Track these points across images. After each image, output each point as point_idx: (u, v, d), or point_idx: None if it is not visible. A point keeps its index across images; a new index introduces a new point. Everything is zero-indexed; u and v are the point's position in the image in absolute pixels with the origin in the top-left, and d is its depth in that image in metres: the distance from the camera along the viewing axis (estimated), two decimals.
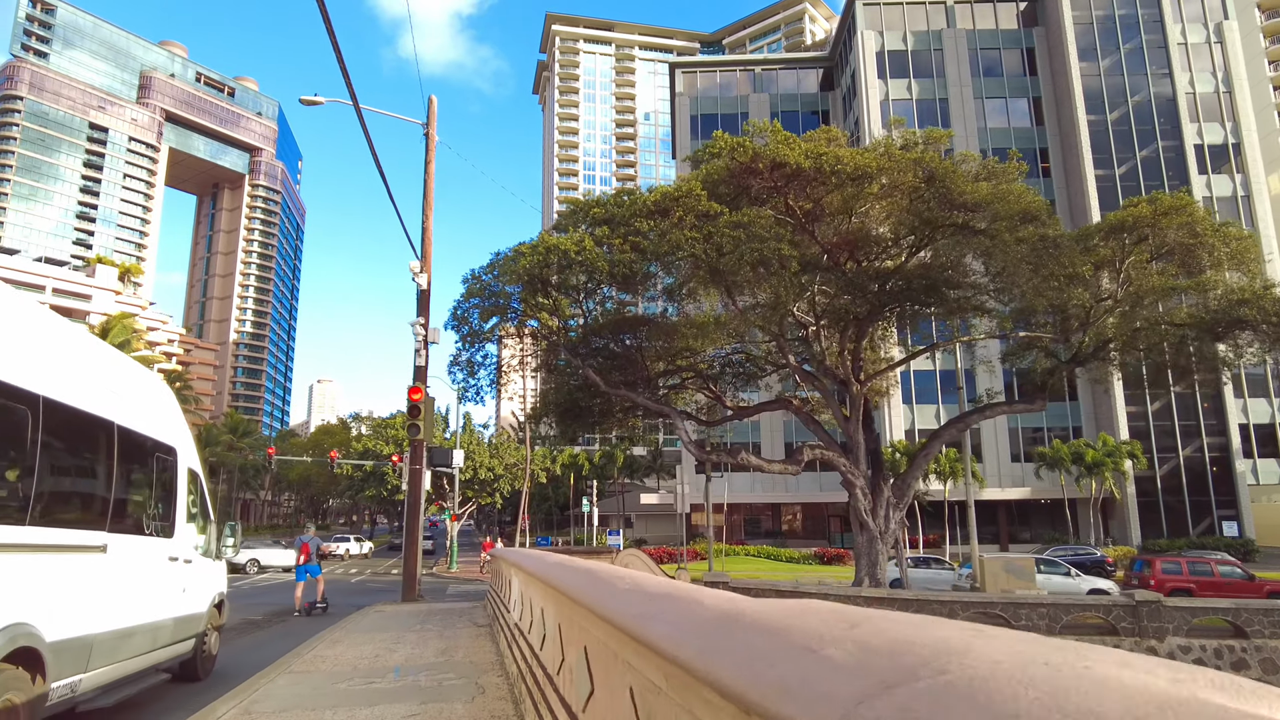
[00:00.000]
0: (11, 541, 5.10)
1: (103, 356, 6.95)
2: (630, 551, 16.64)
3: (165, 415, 8.21)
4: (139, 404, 7.36)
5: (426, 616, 12.62)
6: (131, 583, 6.93)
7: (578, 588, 3.93)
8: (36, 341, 5.62)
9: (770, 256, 15.79)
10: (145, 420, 7.41)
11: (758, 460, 20.04)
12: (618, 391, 20.65)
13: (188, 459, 8.78)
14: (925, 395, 53.22)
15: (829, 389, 21.91)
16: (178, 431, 8.55)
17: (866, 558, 21.25)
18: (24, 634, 5.09)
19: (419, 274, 17.06)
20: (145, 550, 7.29)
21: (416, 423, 16.39)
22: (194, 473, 8.99)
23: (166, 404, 8.48)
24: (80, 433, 6.21)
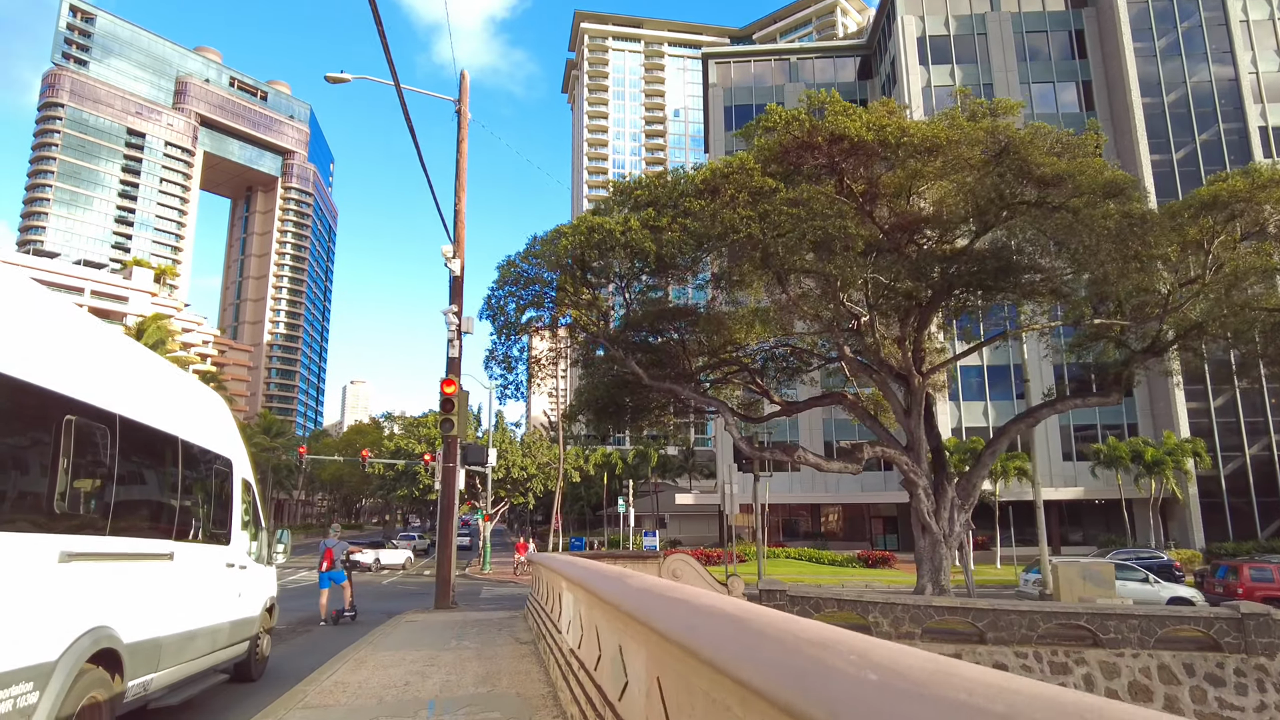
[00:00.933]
0: (94, 550, 5.48)
1: (167, 375, 7.35)
2: (678, 557, 15.36)
3: (222, 429, 8.57)
4: (199, 419, 7.74)
5: (462, 629, 11.50)
6: (194, 588, 7.32)
7: (686, 630, 2.72)
8: (113, 364, 6.07)
9: (834, 235, 14.45)
10: (205, 434, 7.79)
11: (815, 458, 18.67)
12: (662, 385, 19.41)
13: (242, 470, 9.08)
14: (972, 392, 51.24)
15: (887, 383, 20.45)
16: (233, 444, 8.89)
17: (930, 562, 19.78)
18: (105, 636, 5.47)
19: (451, 259, 15.98)
20: (206, 557, 7.68)
21: (450, 418, 15.30)
22: (247, 483, 9.27)
23: (223, 418, 8.79)
24: (150, 448, 6.56)
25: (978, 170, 17.43)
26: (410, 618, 13.47)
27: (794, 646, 1.68)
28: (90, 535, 5.44)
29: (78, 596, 5.24)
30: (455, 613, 14.43)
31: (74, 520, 5.30)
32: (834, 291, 17.46)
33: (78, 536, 5.28)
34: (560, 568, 7.08)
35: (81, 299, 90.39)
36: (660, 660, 3.26)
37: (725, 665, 1.95)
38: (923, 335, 20.42)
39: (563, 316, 22.86)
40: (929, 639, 15.69)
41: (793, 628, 2.00)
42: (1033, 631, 15.40)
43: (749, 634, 2.12)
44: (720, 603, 2.75)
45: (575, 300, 18.97)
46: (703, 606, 2.99)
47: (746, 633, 2.17)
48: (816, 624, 2.24)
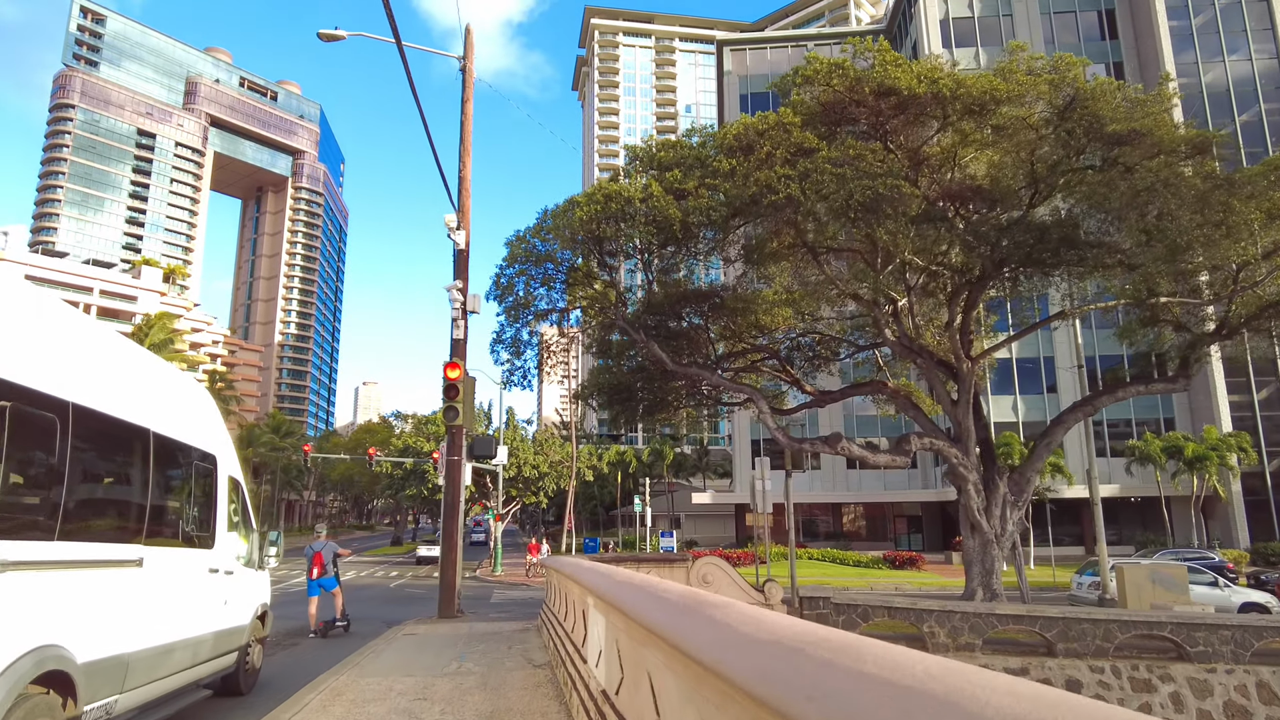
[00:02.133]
0: (38, 558, 4.87)
1: (138, 361, 6.62)
2: (708, 561, 13.74)
3: (205, 421, 7.83)
4: (177, 410, 7.03)
5: (467, 644, 9.91)
6: (170, 597, 6.65)
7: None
8: (65, 344, 5.36)
9: (886, 195, 12.78)
10: (183, 427, 7.08)
11: (860, 450, 16.99)
12: (688, 370, 17.78)
13: (229, 466, 8.32)
14: (998, 386, 49.27)
15: (933, 369, 18.73)
16: (218, 438, 8.12)
17: (980, 564, 18.06)
18: (53, 657, 4.88)
19: (455, 230, 14.40)
20: (184, 563, 6.99)
21: (454, 404, 13.71)
22: (235, 481, 8.52)
23: (206, 410, 8.03)
24: (113, 441, 5.92)
25: (1036, 130, 15.74)
26: (409, 629, 11.90)
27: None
28: (34, 540, 4.83)
29: (17, 612, 4.62)
30: (460, 623, 12.84)
31: (11, 523, 4.66)
32: (879, 263, 15.77)
33: (16, 542, 4.64)
34: (586, 579, 5.47)
35: (90, 299, 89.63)
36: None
37: None
38: (970, 317, 18.69)
39: (577, 300, 21.33)
40: (991, 651, 13.99)
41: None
42: (1109, 643, 13.67)
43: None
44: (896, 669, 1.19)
45: (590, 281, 17.37)
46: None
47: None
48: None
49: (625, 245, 15.51)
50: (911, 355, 18.84)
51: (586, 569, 6.21)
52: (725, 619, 2.50)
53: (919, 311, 21.23)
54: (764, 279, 18.81)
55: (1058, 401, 49.22)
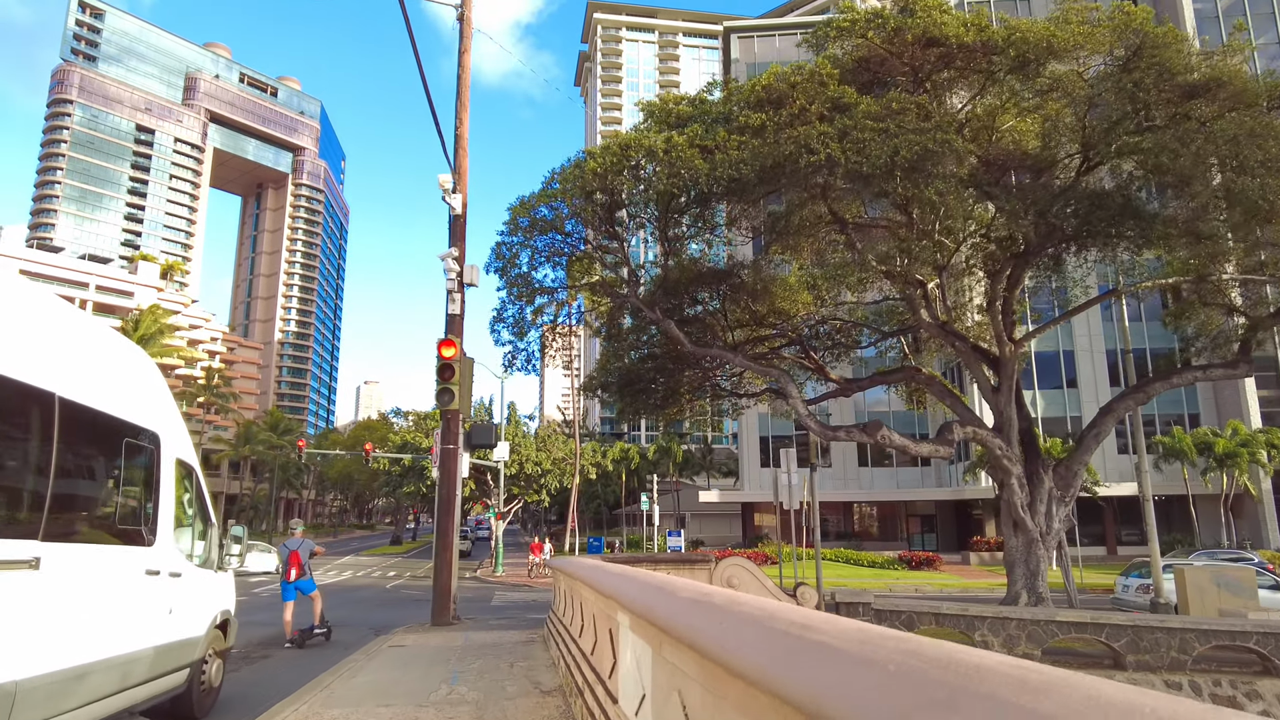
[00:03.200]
0: None
1: (42, 308, 5.30)
2: (734, 562, 12.25)
3: (143, 392, 6.39)
4: (100, 374, 5.69)
5: (461, 659, 8.41)
6: (85, 607, 5.32)
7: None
8: None
9: (936, 150, 11.29)
10: (109, 395, 5.70)
11: (902, 439, 15.49)
12: (708, 352, 16.29)
13: (176, 448, 6.82)
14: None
15: (971, 354, 17.22)
16: (161, 413, 6.67)
17: (1024, 565, 16.54)
18: None
19: (451, 193, 12.91)
20: (108, 564, 5.61)
21: (449, 387, 12.23)
22: (186, 465, 7.05)
23: (146, 379, 6.58)
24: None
25: (1092, 86, 14.23)
26: (398, 640, 10.40)
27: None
28: None
29: None
30: (455, 632, 11.35)
31: None
32: (917, 234, 14.25)
33: None
34: (613, 586, 3.99)
35: (86, 294, 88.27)
36: None
37: None
38: (1013, 296, 17.18)
39: (584, 280, 19.81)
40: (1054, 661, 12.44)
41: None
42: (1185, 655, 12.15)
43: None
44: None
45: (601, 255, 15.87)
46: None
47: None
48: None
49: (641, 211, 13.99)
50: (948, 339, 17.33)
51: (611, 573, 4.70)
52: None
53: (951, 293, 19.76)
54: (784, 258, 17.30)
55: (1078, 396, 47.75)
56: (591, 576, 4.85)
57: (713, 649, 2.18)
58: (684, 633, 2.48)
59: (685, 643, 2.46)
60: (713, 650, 2.18)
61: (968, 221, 13.30)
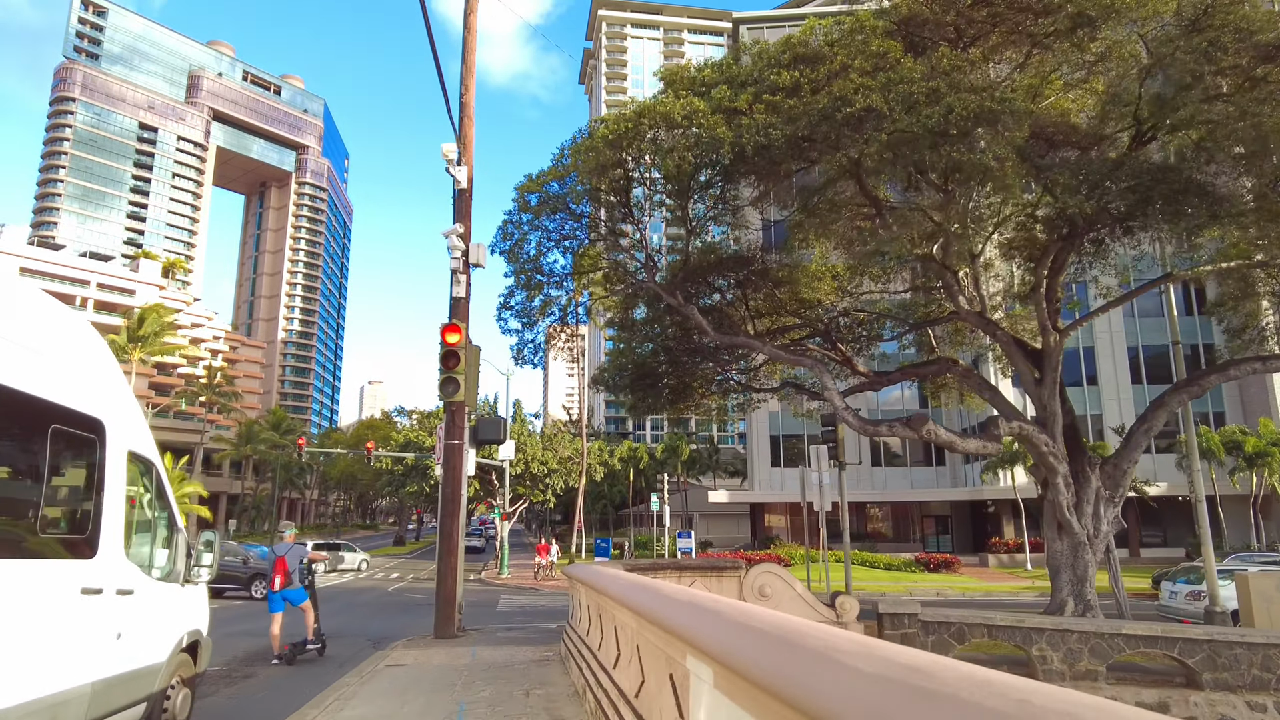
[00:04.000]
0: None
1: None
2: (765, 569, 11.13)
3: (79, 369, 5.21)
4: (22, 347, 4.52)
5: (467, 686, 7.31)
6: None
7: None
8: None
9: (995, 109, 10.14)
10: (23, 368, 4.49)
11: (948, 435, 14.32)
12: (735, 340, 15.17)
13: (128, 438, 5.60)
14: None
15: (1011, 344, 16.05)
16: (107, 397, 5.45)
17: (1070, 570, 15.37)
18: None
19: (456, 165, 11.81)
20: (23, 582, 4.40)
21: (454, 375, 11.13)
22: (143, 460, 5.82)
23: (84, 353, 5.38)
24: None
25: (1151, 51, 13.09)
26: (396, 657, 9.29)
27: None
28: None
29: None
30: (461, 647, 10.23)
31: None
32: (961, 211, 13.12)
33: None
34: (682, 623, 2.89)
35: (87, 292, 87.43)
36: None
37: None
38: (1057, 282, 16.02)
39: (595, 266, 18.67)
40: (1117, 679, 11.33)
41: None
42: (1269, 673, 11.00)
43: None
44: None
45: (615, 238, 14.75)
46: None
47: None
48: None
49: (660, 186, 12.83)
50: (987, 329, 16.18)
51: (675, 601, 3.57)
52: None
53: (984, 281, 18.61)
54: (808, 245, 16.14)
55: (1099, 394, 46.51)
56: (642, 602, 3.71)
57: None
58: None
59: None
60: None
61: (1021, 194, 12.11)
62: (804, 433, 53.67)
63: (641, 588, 4.13)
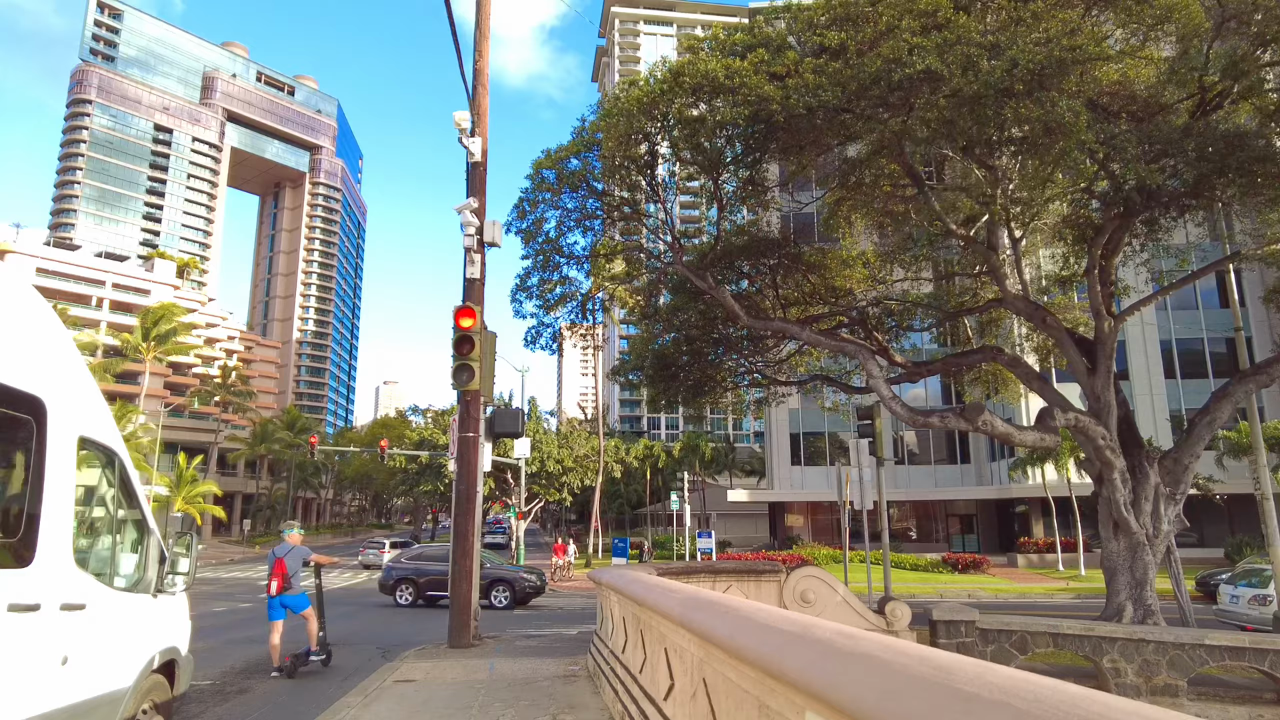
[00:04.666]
0: None
1: None
2: (808, 574, 10.16)
3: (14, 341, 4.13)
4: None
5: (485, 707, 6.43)
6: None
7: None
8: None
9: (1066, 61, 9.15)
10: None
11: (1005, 426, 13.31)
12: (770, 325, 14.22)
13: (78, 423, 4.59)
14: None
15: (1062, 331, 14.98)
16: (52, 374, 4.42)
17: (1129, 573, 14.30)
18: None
19: (469, 136, 10.92)
20: None
21: (468, 362, 10.24)
22: (103, 450, 4.82)
23: (22, 324, 4.29)
24: None
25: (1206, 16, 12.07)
26: (406, 670, 8.41)
27: None
28: None
29: None
30: (477, 658, 9.33)
31: None
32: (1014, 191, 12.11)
33: None
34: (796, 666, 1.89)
35: (103, 292, 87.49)
36: None
37: None
38: (1112, 264, 14.94)
39: (611, 264, 17.80)
40: (1199, 694, 10.28)
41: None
42: None
43: None
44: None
45: (639, 218, 13.82)
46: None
47: None
48: None
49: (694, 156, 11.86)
50: (1035, 315, 15.10)
51: (757, 623, 2.63)
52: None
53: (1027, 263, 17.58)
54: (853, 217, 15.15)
55: (1130, 389, 45.00)
56: (717, 628, 2.78)
57: None
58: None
59: None
60: None
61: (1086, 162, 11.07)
62: (825, 430, 52.50)
63: (710, 606, 3.18)
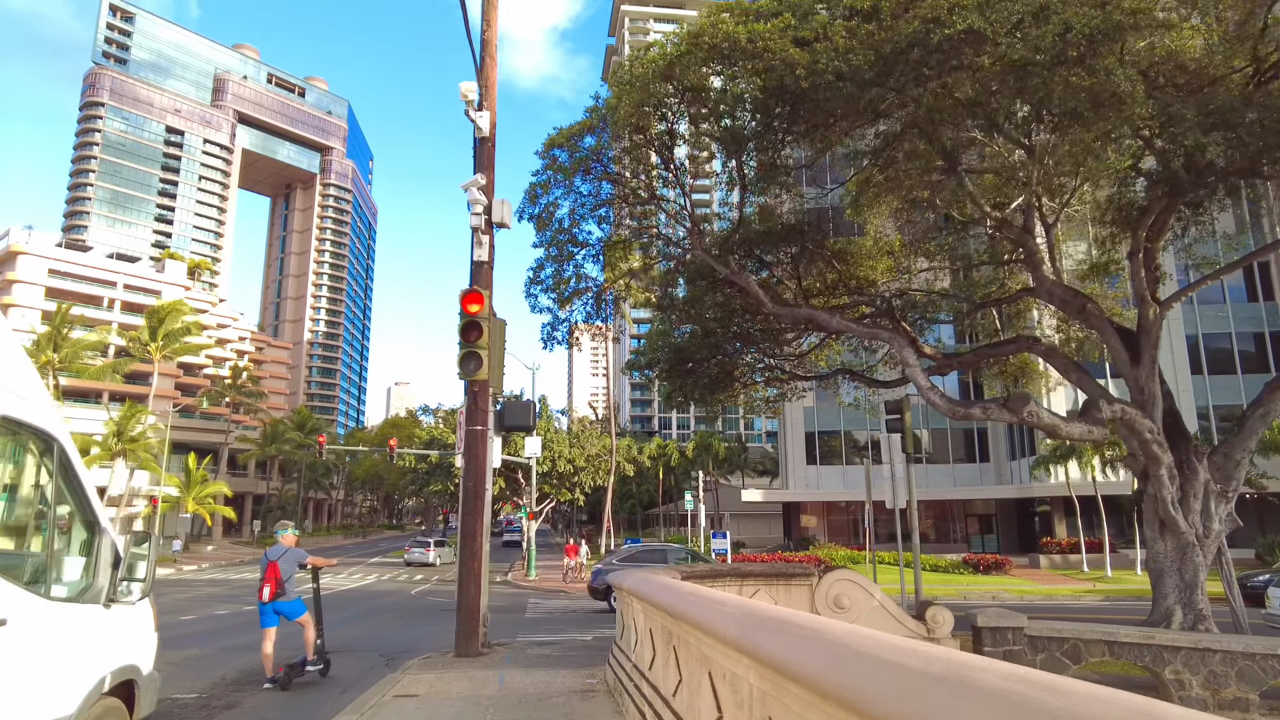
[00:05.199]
0: None
1: None
2: (842, 577, 9.41)
3: None
4: None
5: None
6: None
7: None
8: None
9: (1124, 25, 8.36)
10: None
11: (1051, 418, 12.51)
12: (797, 312, 13.45)
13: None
14: None
15: (1104, 321, 14.13)
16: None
17: (1177, 575, 13.46)
18: None
19: (477, 110, 10.22)
20: None
21: (475, 350, 9.54)
22: (37, 435, 4.01)
23: None
24: None
25: None
26: (409, 683, 7.72)
27: None
28: None
29: None
30: (486, 669, 8.62)
31: None
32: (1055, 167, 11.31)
33: None
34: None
35: (114, 293, 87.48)
36: None
37: None
38: (1156, 246, 14.10)
39: (625, 261, 17.01)
40: (1270, 709, 9.43)
41: None
42: None
43: None
44: None
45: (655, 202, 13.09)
46: None
47: None
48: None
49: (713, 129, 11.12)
50: (1074, 303, 14.26)
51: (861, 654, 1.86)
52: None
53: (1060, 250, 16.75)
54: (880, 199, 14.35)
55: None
56: (802, 663, 2.03)
57: None
58: None
59: None
60: None
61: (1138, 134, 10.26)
62: (841, 429, 51.62)
63: (783, 627, 2.45)
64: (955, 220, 17.45)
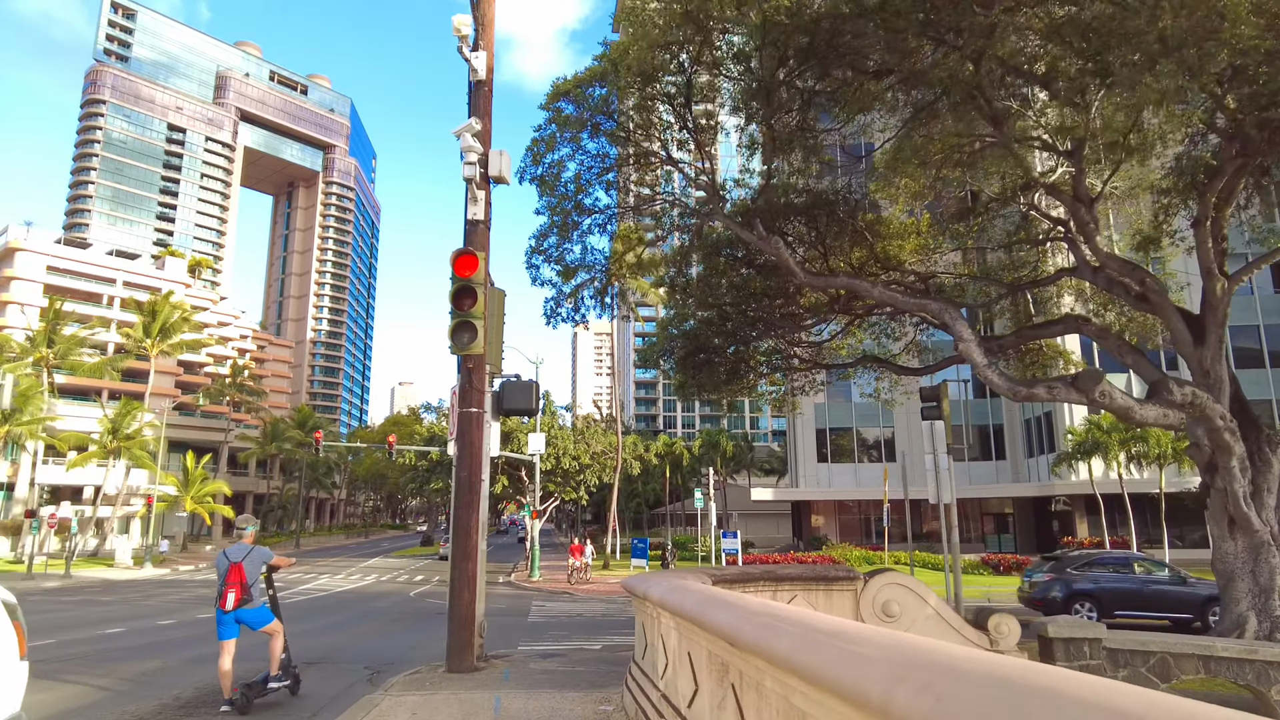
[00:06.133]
0: None
1: None
2: (891, 582, 8.10)
3: None
4: None
5: None
6: None
7: None
8: None
9: None
10: None
11: (1124, 399, 11.23)
12: (834, 281, 12.17)
13: None
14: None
15: (1165, 299, 12.82)
16: None
17: (1250, 578, 12.15)
18: None
19: (472, 50, 8.96)
20: None
21: (469, 319, 8.27)
22: None
23: None
24: None
25: None
26: (390, 707, 6.46)
27: None
28: None
29: None
30: (481, 689, 7.35)
31: None
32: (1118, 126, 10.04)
33: None
34: None
35: (114, 290, 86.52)
36: None
37: None
38: (1224, 215, 12.79)
39: (632, 251, 15.82)
40: None
41: None
42: None
43: None
44: None
45: (671, 163, 11.83)
46: None
47: None
48: None
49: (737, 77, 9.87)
50: (1134, 275, 12.94)
51: None
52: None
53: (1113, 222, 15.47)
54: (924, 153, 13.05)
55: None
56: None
57: None
58: None
59: None
60: None
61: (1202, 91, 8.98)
62: (853, 426, 50.33)
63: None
64: (983, 200, 16.19)
